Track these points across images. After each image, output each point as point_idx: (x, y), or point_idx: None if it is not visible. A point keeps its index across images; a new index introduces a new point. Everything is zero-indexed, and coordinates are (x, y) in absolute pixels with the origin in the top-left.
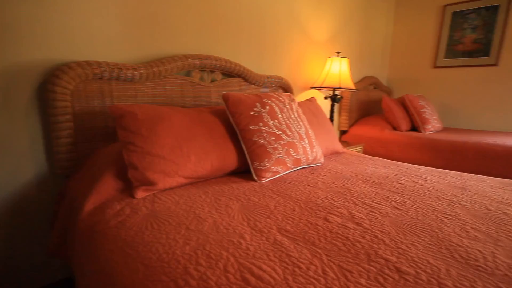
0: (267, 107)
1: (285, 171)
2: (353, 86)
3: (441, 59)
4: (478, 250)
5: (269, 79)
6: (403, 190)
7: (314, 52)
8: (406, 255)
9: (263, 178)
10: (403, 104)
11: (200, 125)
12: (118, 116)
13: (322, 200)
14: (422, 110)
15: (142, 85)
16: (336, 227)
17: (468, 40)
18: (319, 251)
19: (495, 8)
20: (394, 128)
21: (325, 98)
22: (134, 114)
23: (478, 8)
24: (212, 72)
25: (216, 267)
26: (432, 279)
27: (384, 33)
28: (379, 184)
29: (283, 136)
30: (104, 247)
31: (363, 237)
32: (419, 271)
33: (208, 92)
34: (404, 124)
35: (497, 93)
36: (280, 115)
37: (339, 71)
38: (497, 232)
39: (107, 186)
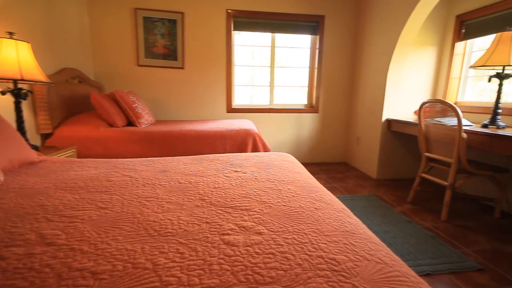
0: None
1: None
2: (44, 78)
3: (142, 59)
4: (169, 219)
5: None
6: (112, 186)
7: None
8: (105, 253)
9: None
10: (114, 99)
11: None
12: None
13: None
14: (134, 105)
15: None
16: (12, 268)
17: (160, 44)
18: None
19: (174, 21)
20: (110, 125)
21: (3, 93)
22: None
23: (162, 18)
24: None
25: None
26: (127, 264)
27: (79, 24)
28: (85, 188)
29: None
30: None
31: (55, 257)
32: (116, 262)
33: None
34: (119, 119)
35: (187, 90)
36: None
37: (17, 57)
38: (183, 199)
39: None
